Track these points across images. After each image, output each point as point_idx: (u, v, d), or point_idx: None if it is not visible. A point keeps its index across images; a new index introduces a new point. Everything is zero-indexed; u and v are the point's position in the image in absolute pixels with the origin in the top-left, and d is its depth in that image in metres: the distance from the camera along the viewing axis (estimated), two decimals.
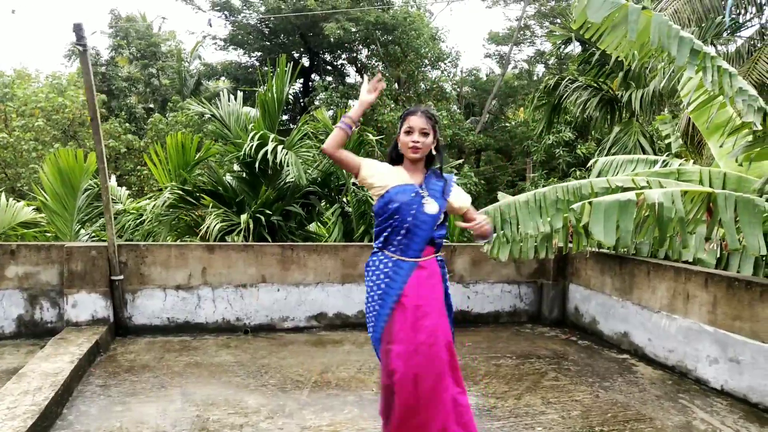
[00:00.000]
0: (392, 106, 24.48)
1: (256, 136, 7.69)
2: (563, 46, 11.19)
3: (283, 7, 21.29)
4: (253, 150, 7.53)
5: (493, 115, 28.18)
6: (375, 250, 2.99)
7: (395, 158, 3.02)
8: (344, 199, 8.08)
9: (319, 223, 8.91)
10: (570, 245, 5.65)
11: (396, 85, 25.64)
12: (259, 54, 25.51)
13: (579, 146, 18.45)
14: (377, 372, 4.66)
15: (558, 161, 19.26)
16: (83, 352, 4.48)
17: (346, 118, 2.89)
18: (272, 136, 7.67)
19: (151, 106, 24.52)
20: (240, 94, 9.16)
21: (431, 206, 2.89)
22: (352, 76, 28.09)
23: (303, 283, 5.85)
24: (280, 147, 7.52)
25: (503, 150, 26.17)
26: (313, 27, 22.38)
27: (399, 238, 2.89)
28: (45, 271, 5.28)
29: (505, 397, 4.23)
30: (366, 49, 26.80)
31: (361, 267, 5.98)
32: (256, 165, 7.67)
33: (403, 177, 2.95)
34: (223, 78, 25.56)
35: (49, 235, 8.83)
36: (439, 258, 3.04)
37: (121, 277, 5.37)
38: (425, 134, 2.88)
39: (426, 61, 26.13)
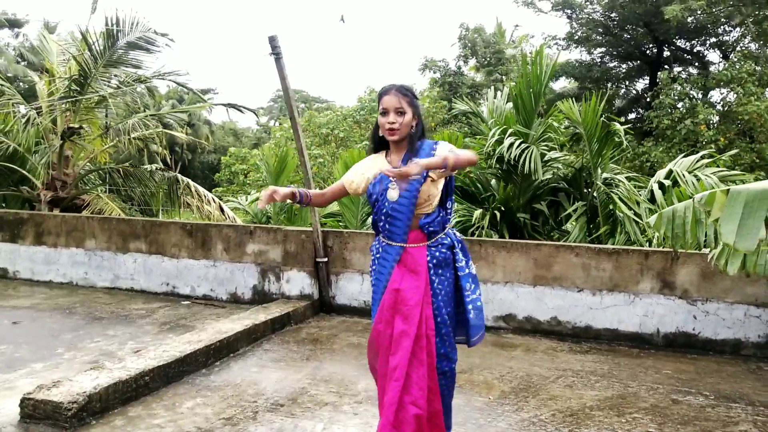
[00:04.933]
0: (763, 94, 20.65)
1: (497, 132, 7.57)
2: None
3: None
4: (491, 146, 7.45)
5: None
6: (376, 235, 2.96)
7: (379, 141, 2.88)
8: (593, 195, 7.30)
9: (574, 222, 8.24)
10: None
11: None
12: (602, 50, 24.35)
13: None
14: (515, 381, 4.26)
15: None
16: (266, 319, 5.19)
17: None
18: (510, 130, 7.44)
19: None
20: (506, 89, 9.03)
21: (392, 192, 2.73)
22: (719, 63, 24.47)
23: (491, 281, 5.58)
24: (517, 141, 7.25)
25: None
26: (656, 14, 20.30)
27: (382, 224, 2.82)
28: (272, 249, 6.24)
29: None
30: (736, 30, 23.13)
31: (555, 269, 5.42)
32: (492, 161, 7.56)
33: (380, 165, 2.81)
34: (563, 77, 25.18)
35: (342, 224, 10.22)
36: (434, 245, 2.76)
37: (325, 259, 5.98)
38: (401, 113, 2.69)
39: None
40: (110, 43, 9.05)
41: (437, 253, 2.78)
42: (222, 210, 8.86)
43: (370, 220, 9.99)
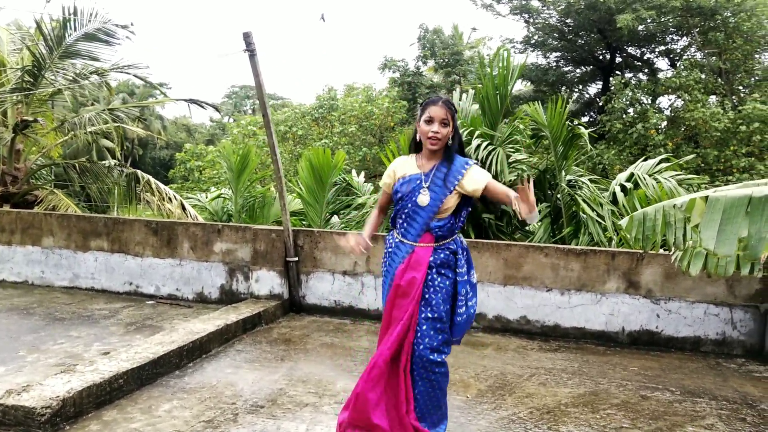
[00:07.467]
0: (711, 101, 21.48)
1: (465, 133, 7.64)
2: None
3: (571, 1, 20.37)
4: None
5: None
6: (391, 229, 3.22)
7: (415, 146, 3.14)
8: (557, 197, 7.46)
9: (538, 223, 8.40)
10: None
11: (718, 78, 22.35)
12: (557, 54, 24.90)
13: None
14: (490, 380, 4.32)
15: None
16: (237, 320, 5.11)
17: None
18: (477, 132, 7.53)
19: None
20: (471, 92, 9.13)
21: (423, 197, 2.97)
22: (666, 71, 25.31)
23: None
24: (484, 143, 7.34)
25: None
26: (610, 21, 20.90)
27: (400, 221, 3.08)
28: (241, 249, 6.15)
29: None
30: (683, 39, 24.01)
31: (525, 269, 5.52)
32: None
33: (411, 167, 3.08)
34: (520, 80, 25.64)
35: (305, 222, 10.13)
36: (441, 247, 3.02)
37: (296, 258, 5.93)
38: (445, 124, 2.93)
39: (763, 45, 22.18)
40: (67, 33, 8.75)
41: (441, 255, 3.01)
42: (184, 208, 8.67)
43: (334, 219, 10.00)
